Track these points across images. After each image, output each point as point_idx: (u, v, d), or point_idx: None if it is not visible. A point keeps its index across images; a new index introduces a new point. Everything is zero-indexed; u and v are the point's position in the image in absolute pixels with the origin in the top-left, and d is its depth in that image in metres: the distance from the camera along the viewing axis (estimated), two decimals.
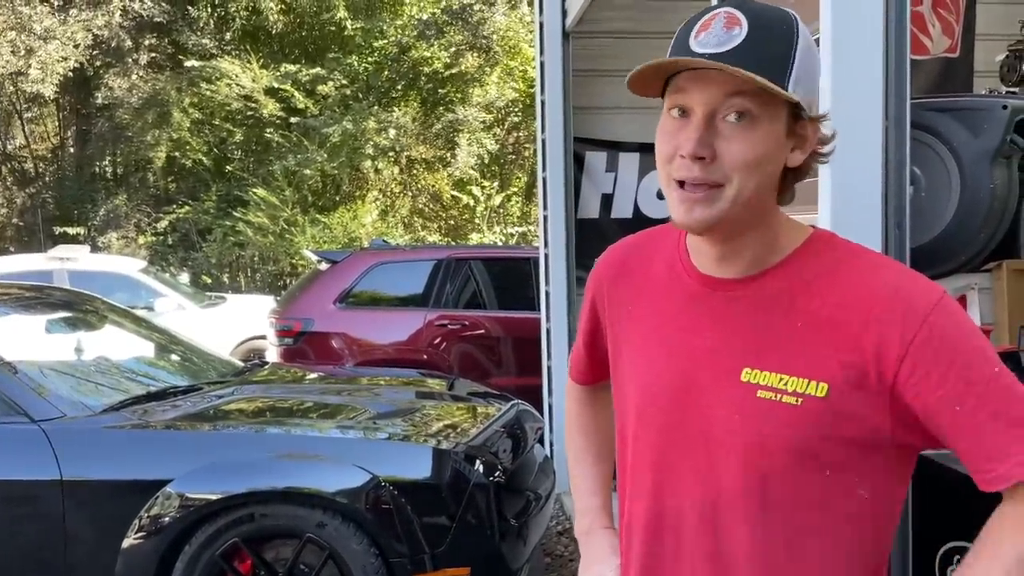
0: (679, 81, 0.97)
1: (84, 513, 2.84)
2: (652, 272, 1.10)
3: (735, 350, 0.99)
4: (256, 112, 14.29)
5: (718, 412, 0.99)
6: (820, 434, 0.95)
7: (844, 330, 0.95)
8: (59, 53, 13.51)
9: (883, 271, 0.98)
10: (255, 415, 3.38)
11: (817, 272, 0.99)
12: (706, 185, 0.94)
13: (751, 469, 0.97)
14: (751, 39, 0.92)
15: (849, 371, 0.94)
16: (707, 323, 1.02)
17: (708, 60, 0.92)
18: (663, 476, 1.04)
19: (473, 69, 14.66)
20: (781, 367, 0.96)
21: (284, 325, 6.58)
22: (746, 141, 0.94)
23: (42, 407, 2.96)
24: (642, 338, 1.08)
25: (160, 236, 14.66)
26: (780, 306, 0.99)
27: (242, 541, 2.82)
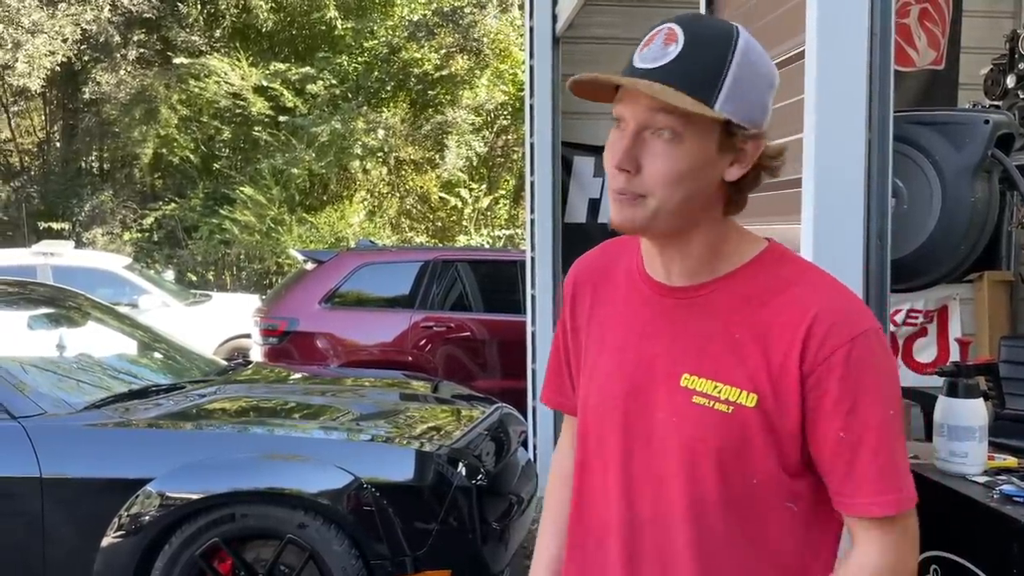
0: (620, 93, 0.99)
1: (63, 511, 2.82)
2: (613, 280, 1.14)
3: (677, 356, 1.03)
4: (245, 110, 14.23)
5: (659, 414, 1.03)
6: (748, 442, 0.99)
7: (778, 346, 0.99)
8: (47, 47, 13.40)
9: (824, 293, 1.02)
10: (238, 415, 3.37)
11: (764, 287, 1.03)
12: (632, 194, 0.99)
13: (687, 471, 1.01)
14: (683, 56, 0.95)
15: (776, 384, 0.98)
16: (657, 328, 1.06)
17: (631, 78, 0.96)
18: (616, 473, 1.07)
19: (463, 71, 14.65)
20: (717, 375, 1.00)
21: (269, 324, 6.56)
22: (668, 157, 0.97)
23: (23, 404, 2.95)
24: (604, 343, 1.12)
25: (146, 233, 14.57)
26: (723, 316, 1.02)
27: (222, 541, 2.81)
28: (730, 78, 0.96)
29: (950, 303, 3.53)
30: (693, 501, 1.01)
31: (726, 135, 0.98)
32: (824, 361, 0.96)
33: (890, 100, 1.50)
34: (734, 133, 0.98)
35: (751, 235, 1.08)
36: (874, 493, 0.97)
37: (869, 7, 1.47)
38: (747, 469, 1.00)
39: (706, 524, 1.01)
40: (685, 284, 1.06)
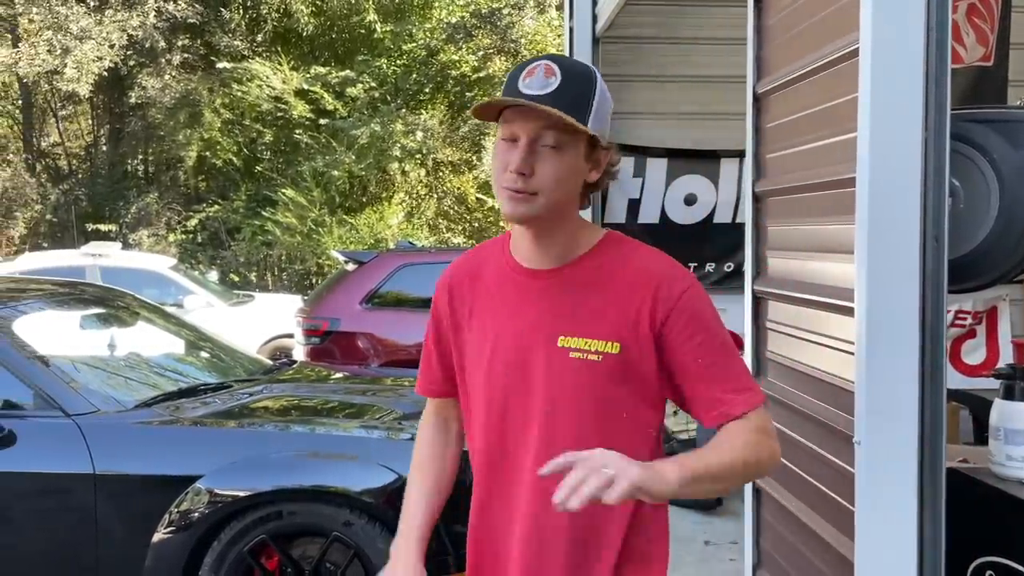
0: (508, 114, 1.27)
1: (115, 507, 2.88)
2: (483, 277, 1.40)
3: (552, 322, 1.31)
4: (286, 113, 14.41)
5: (543, 370, 1.31)
6: (614, 383, 1.29)
7: (630, 304, 1.29)
8: (95, 53, 13.70)
9: (656, 261, 1.34)
10: (283, 413, 3.42)
11: (612, 261, 1.33)
12: (525, 192, 1.26)
13: (572, 408, 1.30)
14: (562, 86, 1.24)
15: (634, 332, 1.28)
16: (531, 303, 1.34)
17: (532, 101, 1.22)
18: (500, 426, 1.35)
19: (501, 73, 14.68)
20: (586, 333, 1.30)
21: (311, 324, 6.63)
22: (555, 163, 1.26)
23: (76, 401, 3.01)
24: (484, 326, 1.37)
25: (190, 234, 14.82)
26: (584, 287, 1.32)
27: (270, 538, 2.85)
28: (595, 105, 1.27)
29: (1000, 304, 3.45)
30: (579, 433, 1.28)
31: (590, 148, 1.28)
32: (671, 311, 1.28)
33: (947, 98, 1.48)
34: (595, 146, 1.29)
35: (591, 225, 1.41)
36: (734, 394, 1.27)
37: (925, 3, 1.45)
38: (617, 403, 1.30)
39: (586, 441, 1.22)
40: (551, 267, 1.34)
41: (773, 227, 2.10)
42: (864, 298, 1.54)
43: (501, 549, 1.38)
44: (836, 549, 1.72)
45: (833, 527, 1.74)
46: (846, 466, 1.65)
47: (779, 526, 2.06)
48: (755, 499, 2.20)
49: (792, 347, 1.97)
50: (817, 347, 1.82)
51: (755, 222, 2.17)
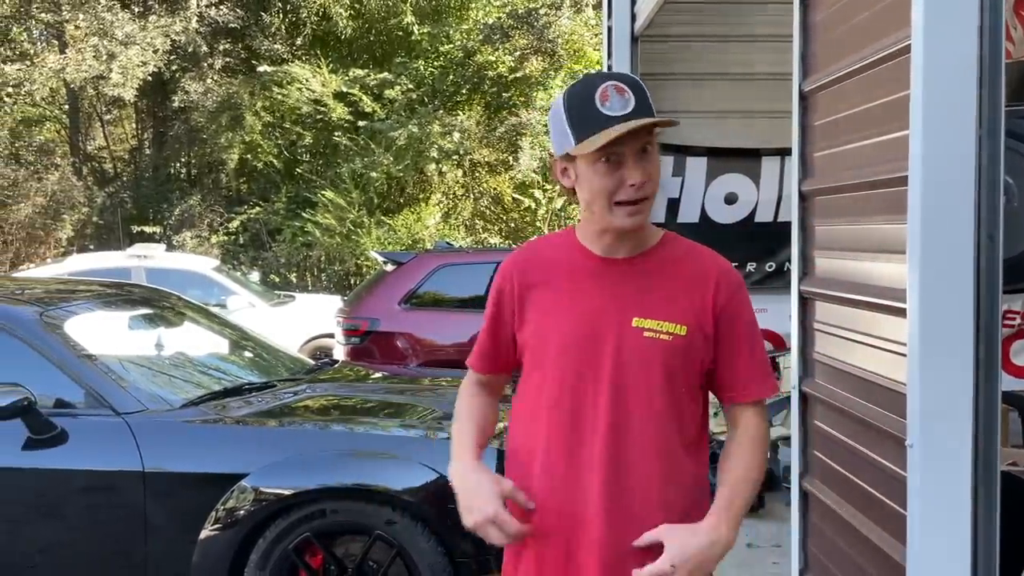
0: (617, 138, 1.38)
1: (164, 504, 2.94)
2: (554, 264, 1.55)
3: (628, 305, 1.48)
4: (325, 116, 14.56)
5: (615, 347, 1.46)
6: (682, 358, 1.48)
7: (695, 292, 1.49)
8: (139, 58, 13.97)
9: (712, 257, 1.55)
10: (326, 413, 3.45)
11: (675, 256, 1.53)
12: (645, 200, 1.44)
13: (644, 380, 1.46)
14: (639, 99, 1.41)
15: (699, 317, 1.48)
16: (606, 288, 1.50)
17: (633, 121, 1.37)
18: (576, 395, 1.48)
19: (537, 73, 14.68)
20: (658, 315, 1.47)
21: (351, 324, 6.70)
22: (656, 166, 1.44)
23: (126, 400, 3.08)
24: (556, 306, 1.52)
25: (232, 236, 15.04)
26: (654, 276, 1.50)
27: (314, 536, 2.88)
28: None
29: None
30: (648, 399, 1.46)
31: None
32: (728, 301, 1.49)
33: (1001, 94, 1.44)
34: None
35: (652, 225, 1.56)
36: (761, 383, 1.53)
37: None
38: (680, 375, 1.48)
39: (656, 409, 1.46)
40: (624, 256, 1.51)
41: (821, 226, 2.08)
42: (917, 298, 1.51)
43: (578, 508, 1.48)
44: (887, 554, 1.69)
45: (884, 531, 1.71)
46: (898, 470, 1.62)
47: (827, 530, 2.03)
48: (802, 502, 2.18)
49: (841, 348, 1.94)
50: (867, 348, 1.80)
51: (802, 222, 2.14)
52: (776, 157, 5.14)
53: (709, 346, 1.48)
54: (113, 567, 2.99)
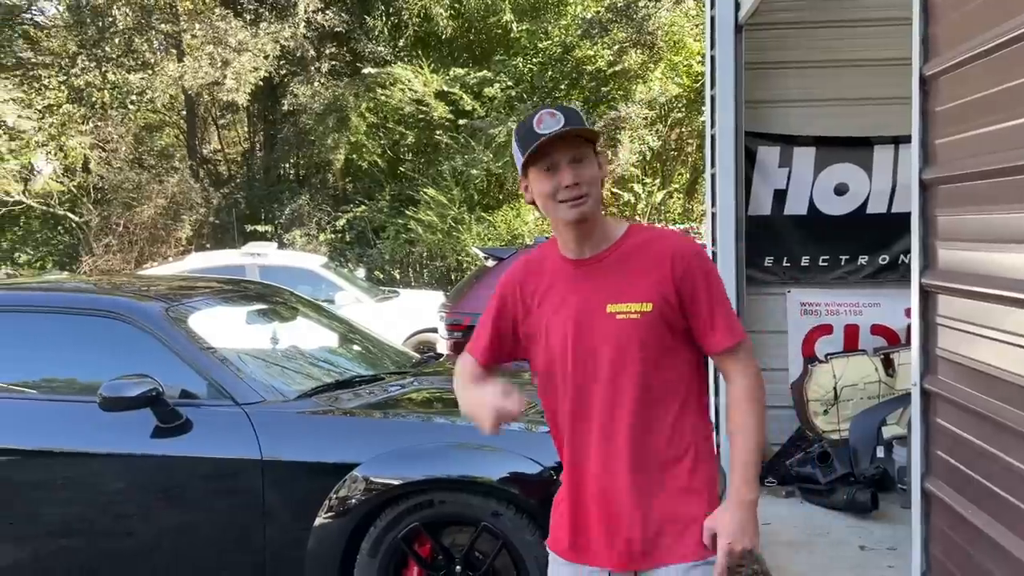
0: (543, 151, 1.70)
1: (281, 491, 3.05)
2: (545, 272, 1.83)
3: (601, 296, 1.75)
4: (427, 115, 14.83)
5: (599, 332, 1.74)
6: (654, 332, 1.73)
7: (656, 273, 1.74)
8: (251, 64, 14.58)
9: (670, 238, 1.80)
10: (433, 405, 3.52)
11: (637, 244, 1.78)
12: (582, 196, 1.71)
13: (621, 358, 1.73)
14: (568, 117, 1.71)
15: (662, 292, 1.73)
16: (582, 285, 1.77)
17: (559, 130, 1.68)
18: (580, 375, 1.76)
19: (636, 66, 14.52)
20: (626, 299, 1.73)
21: (454, 319, 6.79)
22: (590, 169, 1.73)
23: (245, 392, 3.21)
24: (552, 308, 1.80)
25: (338, 233, 15.51)
26: (620, 266, 1.76)
27: (422, 525, 2.94)
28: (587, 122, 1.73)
29: None
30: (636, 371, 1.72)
31: (595, 154, 1.74)
32: (685, 271, 1.73)
33: None
34: (598, 152, 1.75)
35: (618, 219, 1.72)
36: (727, 332, 1.75)
37: None
38: (658, 345, 1.73)
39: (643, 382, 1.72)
40: (590, 255, 1.78)
41: (944, 216, 1.98)
42: None
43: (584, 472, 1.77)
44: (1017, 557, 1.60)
45: (1014, 535, 1.62)
46: None
47: (951, 532, 1.94)
48: (923, 503, 2.09)
49: (966, 343, 1.85)
50: (996, 343, 1.71)
51: (923, 211, 2.05)
52: (889, 145, 4.93)
53: (676, 314, 1.73)
54: (233, 551, 3.11)
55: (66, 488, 3.24)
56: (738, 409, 1.73)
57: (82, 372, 3.48)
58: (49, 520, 3.26)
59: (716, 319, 1.74)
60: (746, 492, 1.68)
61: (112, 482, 3.22)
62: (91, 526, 3.23)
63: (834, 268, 5.04)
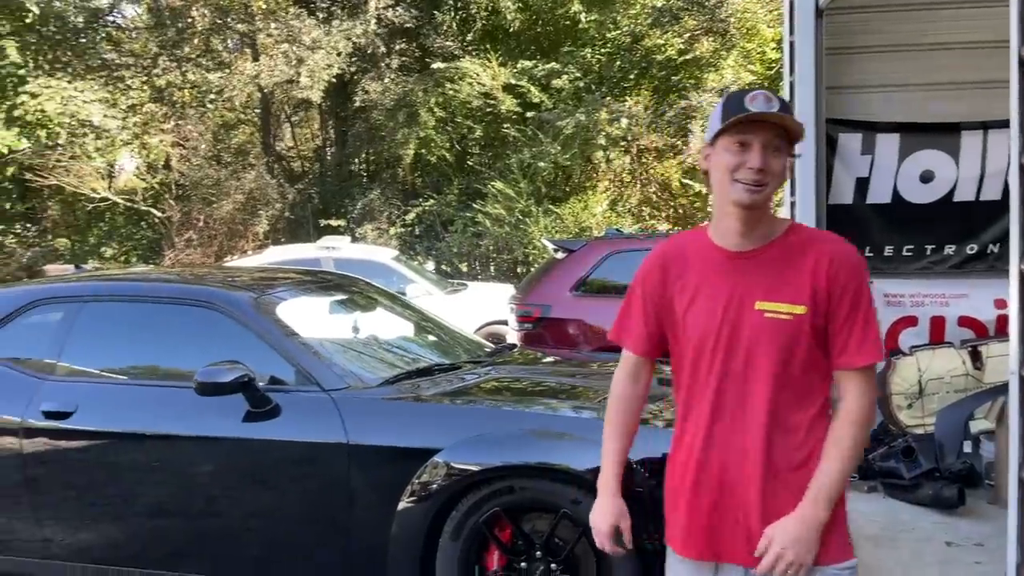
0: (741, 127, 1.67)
1: (365, 475, 3.12)
2: (690, 259, 1.80)
3: (752, 291, 1.72)
4: (494, 108, 14.90)
5: (746, 329, 1.71)
6: (803, 335, 1.69)
7: (812, 275, 1.69)
8: (324, 61, 14.87)
9: (831, 241, 1.76)
10: (510, 393, 3.56)
11: (797, 244, 1.74)
12: (761, 184, 1.67)
13: (764, 358, 1.70)
14: (783, 108, 1.68)
15: (815, 295, 1.69)
16: (734, 278, 1.74)
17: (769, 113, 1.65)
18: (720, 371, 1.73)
19: (708, 54, 14.31)
20: (779, 298, 1.70)
21: (524, 311, 6.84)
22: (780, 162, 1.69)
23: (330, 378, 3.30)
24: (696, 298, 1.76)
25: (408, 227, 15.73)
26: (776, 263, 1.72)
27: (503, 511, 2.98)
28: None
29: None
30: (775, 373, 1.69)
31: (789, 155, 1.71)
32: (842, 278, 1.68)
33: None
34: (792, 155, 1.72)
35: (780, 217, 1.78)
36: (867, 350, 1.69)
37: None
38: (802, 349, 1.69)
39: (783, 384, 1.70)
40: (748, 248, 1.74)
41: None
42: None
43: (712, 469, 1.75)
44: None
45: None
46: None
47: None
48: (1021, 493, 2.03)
49: None
50: None
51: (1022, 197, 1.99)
52: (978, 131, 4.78)
53: (824, 320, 1.69)
54: (319, 533, 3.20)
55: (162, 470, 3.38)
56: (842, 428, 1.68)
57: (177, 359, 3.63)
58: (145, 500, 3.41)
59: (861, 334, 1.69)
60: (816, 510, 1.65)
61: (205, 464, 3.35)
62: (183, 506, 3.36)
63: (919, 258, 4.92)
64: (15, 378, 3.62)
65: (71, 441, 3.48)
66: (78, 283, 4.05)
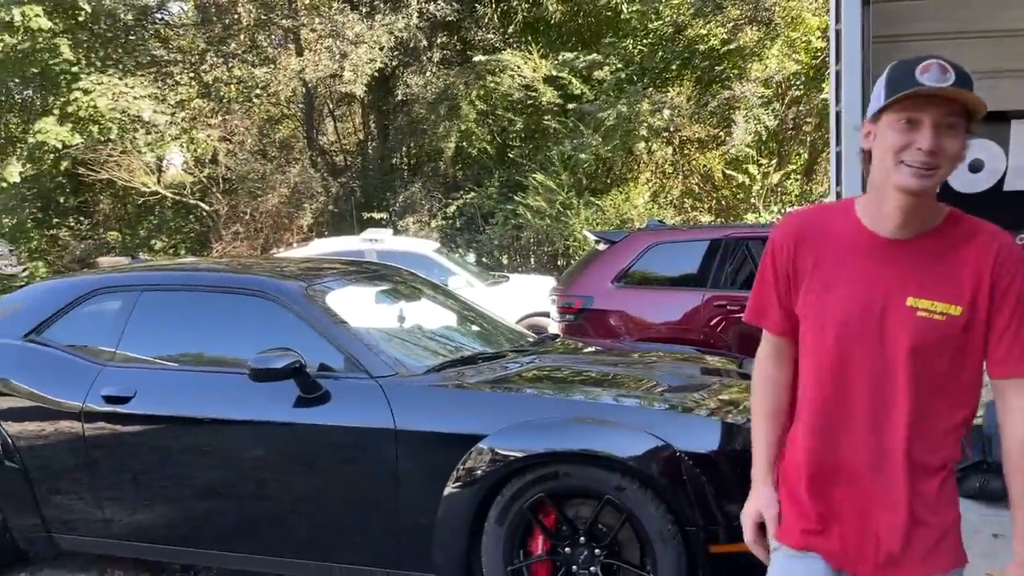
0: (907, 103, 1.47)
1: (413, 460, 3.19)
2: (831, 237, 1.61)
3: (902, 285, 1.54)
4: (535, 101, 14.90)
5: (893, 327, 1.54)
6: (956, 337, 1.53)
7: (973, 271, 1.53)
8: (367, 56, 15.02)
9: (998, 238, 1.56)
10: (553, 382, 3.60)
11: (957, 236, 1.56)
12: (932, 168, 1.48)
13: (911, 359, 1.53)
14: (958, 80, 1.46)
15: (975, 295, 1.53)
16: (884, 267, 1.56)
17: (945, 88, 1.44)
18: (859, 368, 1.58)
19: (752, 43, 14.15)
20: (933, 296, 1.53)
21: (566, 302, 6.86)
22: (957, 143, 1.48)
23: (378, 365, 3.38)
24: (832, 282, 1.59)
25: (449, 220, 15.83)
26: (934, 256, 1.54)
27: (547, 496, 3.03)
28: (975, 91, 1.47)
29: None
30: (923, 376, 1.54)
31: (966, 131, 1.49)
32: (1005, 276, 1.52)
33: None
34: (969, 131, 1.49)
35: (940, 203, 1.57)
36: None
37: None
38: (955, 353, 1.54)
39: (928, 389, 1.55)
40: (905, 236, 1.56)
41: None
42: None
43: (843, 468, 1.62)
44: None
45: None
46: None
47: None
48: None
49: None
50: None
51: None
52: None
53: (983, 322, 1.54)
54: (367, 516, 3.28)
55: (216, 452, 3.49)
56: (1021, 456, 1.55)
57: (230, 346, 3.74)
58: (199, 482, 3.52)
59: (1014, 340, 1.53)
60: None
61: (258, 448, 3.45)
62: (236, 488, 3.47)
63: None
64: (77, 364, 3.76)
65: (130, 425, 3.61)
66: (135, 273, 4.19)
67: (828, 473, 1.63)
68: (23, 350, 3.88)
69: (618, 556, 3.01)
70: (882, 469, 1.58)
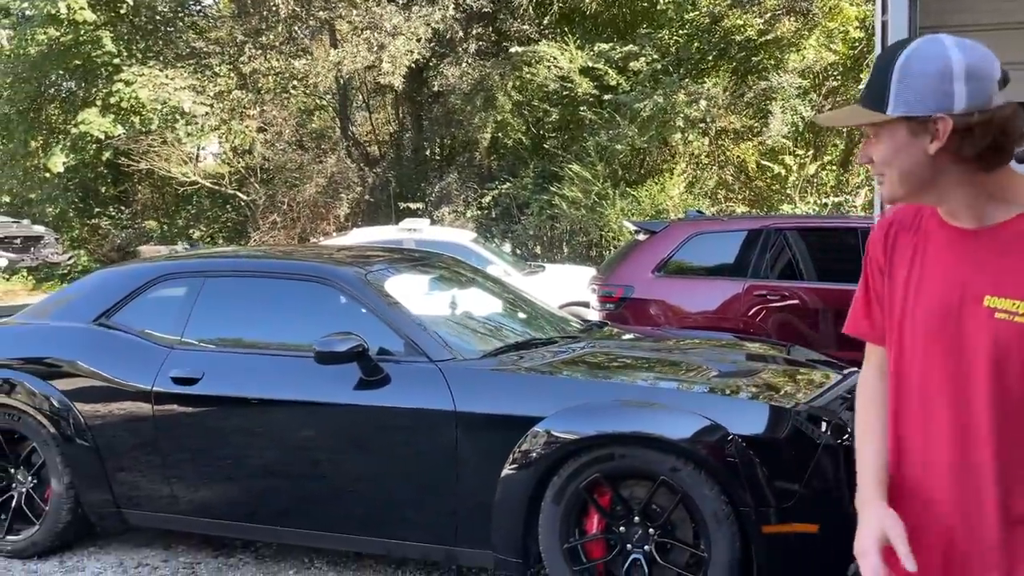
0: None
1: (472, 442, 3.29)
2: (923, 230, 1.47)
3: (980, 282, 1.37)
4: (571, 91, 14.92)
5: (969, 327, 1.38)
6: None
7: None
8: (405, 47, 15.14)
9: None
10: (606, 366, 3.70)
11: None
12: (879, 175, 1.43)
13: (990, 365, 1.36)
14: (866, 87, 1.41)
15: None
16: (961, 261, 1.40)
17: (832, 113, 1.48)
18: (931, 376, 1.43)
19: (789, 34, 14.06)
20: (1014, 295, 1.34)
21: (606, 291, 6.94)
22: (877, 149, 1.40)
23: (437, 349, 3.49)
24: (913, 280, 1.46)
25: (484, 210, 15.93)
26: (1014, 249, 1.35)
27: (603, 477, 3.13)
28: (893, 87, 1.33)
29: None
30: (994, 385, 1.36)
31: (913, 125, 1.33)
32: None
33: None
34: (920, 121, 1.32)
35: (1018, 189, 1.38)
36: None
37: None
38: None
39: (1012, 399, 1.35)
40: (976, 227, 1.40)
41: None
42: None
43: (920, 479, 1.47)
44: None
45: None
46: None
47: None
48: None
49: None
50: None
51: None
52: None
53: None
54: (427, 496, 3.39)
55: (280, 433, 3.63)
56: None
57: (292, 330, 3.87)
58: (264, 461, 3.66)
59: None
60: None
61: (321, 428, 3.58)
62: (300, 467, 3.60)
63: None
64: (146, 347, 3.92)
65: (198, 406, 3.76)
66: (199, 260, 4.35)
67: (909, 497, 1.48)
68: (94, 334, 4.05)
69: (672, 535, 3.10)
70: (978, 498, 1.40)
